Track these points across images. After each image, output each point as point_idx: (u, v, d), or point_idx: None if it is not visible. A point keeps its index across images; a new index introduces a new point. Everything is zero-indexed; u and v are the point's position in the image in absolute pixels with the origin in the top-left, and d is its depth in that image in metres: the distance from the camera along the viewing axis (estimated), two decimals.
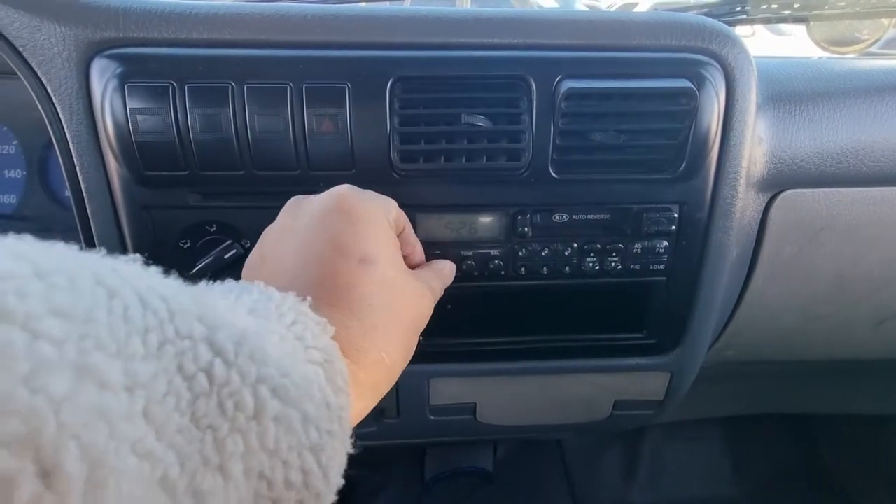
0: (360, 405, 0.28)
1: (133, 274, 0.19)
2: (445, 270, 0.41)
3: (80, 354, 0.15)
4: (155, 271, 0.21)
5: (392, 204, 0.35)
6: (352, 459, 0.25)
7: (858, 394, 0.92)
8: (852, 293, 0.56)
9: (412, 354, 0.33)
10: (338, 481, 0.23)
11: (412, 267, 0.38)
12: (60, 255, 0.17)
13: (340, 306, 0.28)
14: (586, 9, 0.94)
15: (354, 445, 0.25)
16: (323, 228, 0.31)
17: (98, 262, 0.18)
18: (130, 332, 0.17)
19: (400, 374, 0.32)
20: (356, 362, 0.27)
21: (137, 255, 0.21)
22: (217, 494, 0.18)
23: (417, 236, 0.45)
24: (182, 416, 0.17)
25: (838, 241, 0.52)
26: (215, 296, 0.24)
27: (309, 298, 0.27)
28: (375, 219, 0.32)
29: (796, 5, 0.78)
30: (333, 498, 0.23)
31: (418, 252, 0.40)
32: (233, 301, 0.25)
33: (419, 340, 0.50)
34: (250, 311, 0.24)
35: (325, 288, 0.29)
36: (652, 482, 1.06)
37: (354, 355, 0.27)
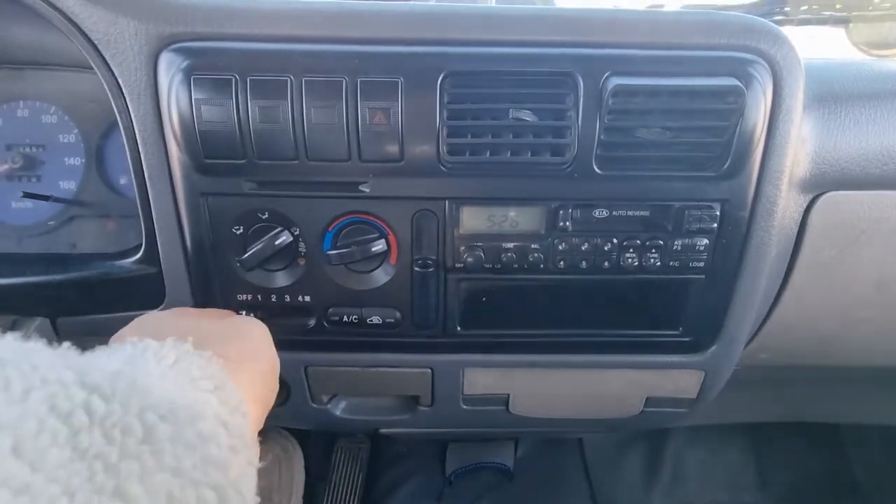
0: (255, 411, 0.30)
1: None
2: None
3: None
4: (13, 337, 0.21)
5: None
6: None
7: (893, 405, 0.90)
8: (894, 299, 0.55)
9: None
10: (253, 498, 0.24)
11: None
12: None
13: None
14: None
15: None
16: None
17: None
18: None
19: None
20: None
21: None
22: None
23: (461, 229, 0.46)
24: (61, 450, 0.17)
25: (881, 245, 0.52)
26: (87, 357, 0.25)
27: (190, 339, 0.28)
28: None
29: (837, 6, 0.77)
30: None
31: None
32: (106, 357, 0.26)
33: (457, 330, 0.51)
34: (126, 362, 0.25)
35: None
36: (673, 486, 1.05)
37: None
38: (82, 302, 0.50)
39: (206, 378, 0.26)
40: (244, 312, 0.49)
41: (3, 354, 0.19)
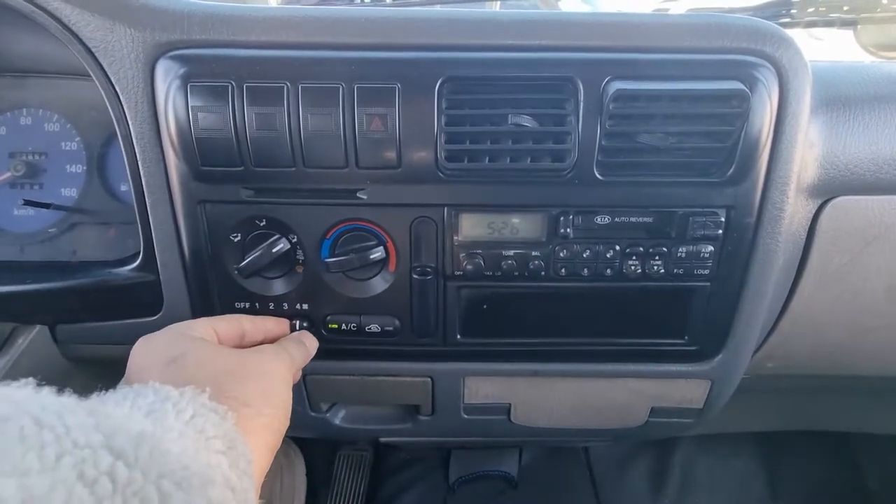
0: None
1: (26, 398, 0.22)
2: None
3: None
4: (48, 391, 0.23)
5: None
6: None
7: None
8: None
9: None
10: None
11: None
12: None
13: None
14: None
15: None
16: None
17: None
18: (26, 449, 0.19)
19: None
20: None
21: (30, 379, 0.23)
22: None
23: (461, 236, 0.45)
24: None
25: (892, 252, 0.50)
26: (110, 405, 0.27)
27: (208, 389, 0.29)
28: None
29: (845, 8, 0.76)
30: None
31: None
32: (128, 408, 0.27)
33: (457, 338, 0.51)
34: (147, 413, 0.27)
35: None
36: (681, 496, 1.03)
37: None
38: (81, 309, 0.50)
39: (220, 437, 0.27)
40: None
41: (40, 415, 0.21)
